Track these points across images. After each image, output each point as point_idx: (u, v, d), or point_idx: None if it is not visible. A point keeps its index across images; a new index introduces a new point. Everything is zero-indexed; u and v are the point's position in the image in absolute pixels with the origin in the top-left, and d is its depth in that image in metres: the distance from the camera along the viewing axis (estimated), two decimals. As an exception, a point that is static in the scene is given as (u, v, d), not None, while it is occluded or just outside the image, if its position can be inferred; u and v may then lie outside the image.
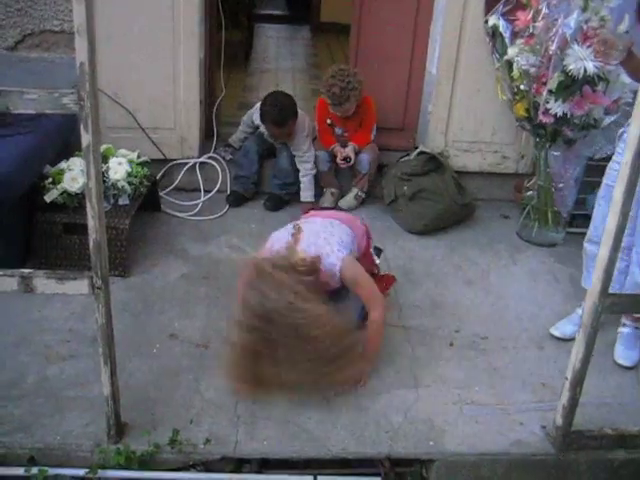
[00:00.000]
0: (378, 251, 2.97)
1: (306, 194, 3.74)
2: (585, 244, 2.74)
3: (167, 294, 2.85)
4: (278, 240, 2.41)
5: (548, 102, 3.11)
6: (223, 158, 3.83)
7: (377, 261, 2.73)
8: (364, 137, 3.78)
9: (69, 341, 2.51)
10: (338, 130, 3.81)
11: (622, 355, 2.64)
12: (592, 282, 1.93)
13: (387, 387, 2.41)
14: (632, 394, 2.49)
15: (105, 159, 2.99)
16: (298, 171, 3.72)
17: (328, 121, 3.79)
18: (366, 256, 2.65)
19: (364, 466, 2.20)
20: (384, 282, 2.87)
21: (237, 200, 3.70)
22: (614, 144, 2.64)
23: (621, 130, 2.57)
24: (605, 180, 2.61)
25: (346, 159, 3.69)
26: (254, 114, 3.77)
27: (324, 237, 2.39)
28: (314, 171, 3.73)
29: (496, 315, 2.89)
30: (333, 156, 3.76)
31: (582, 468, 2.23)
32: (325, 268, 2.29)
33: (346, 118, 3.74)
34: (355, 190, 3.78)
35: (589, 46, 2.92)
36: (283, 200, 3.74)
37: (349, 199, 3.77)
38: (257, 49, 6.81)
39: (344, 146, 3.74)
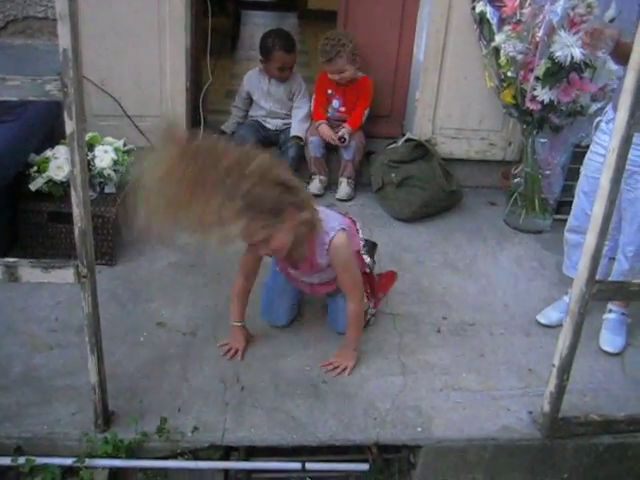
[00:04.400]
0: (372, 245, 2.95)
1: (295, 127, 3.79)
2: (566, 233, 2.76)
3: (154, 282, 2.84)
4: None
5: (535, 89, 3.11)
6: None
7: (367, 260, 2.63)
8: (356, 119, 3.76)
9: (55, 330, 2.50)
10: (336, 102, 3.80)
11: (608, 341, 2.65)
12: (579, 269, 1.93)
13: (374, 374, 2.42)
14: (617, 379, 2.51)
15: (91, 147, 2.96)
16: (304, 160, 3.77)
17: (329, 91, 3.79)
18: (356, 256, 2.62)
19: (352, 453, 2.21)
20: (384, 279, 2.87)
21: None
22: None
23: (597, 119, 2.58)
24: (584, 171, 2.61)
25: (341, 139, 3.69)
26: (245, 83, 3.90)
27: (328, 212, 2.38)
28: (307, 114, 3.85)
29: (483, 302, 2.90)
30: (325, 142, 3.75)
31: (568, 453, 2.25)
32: (319, 232, 2.25)
33: (345, 89, 3.74)
34: (345, 179, 3.76)
35: (576, 33, 2.93)
36: None
37: (344, 188, 3.74)
38: (244, 36, 6.76)
39: (333, 127, 3.76)
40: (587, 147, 2.67)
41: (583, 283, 1.92)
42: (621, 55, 2.39)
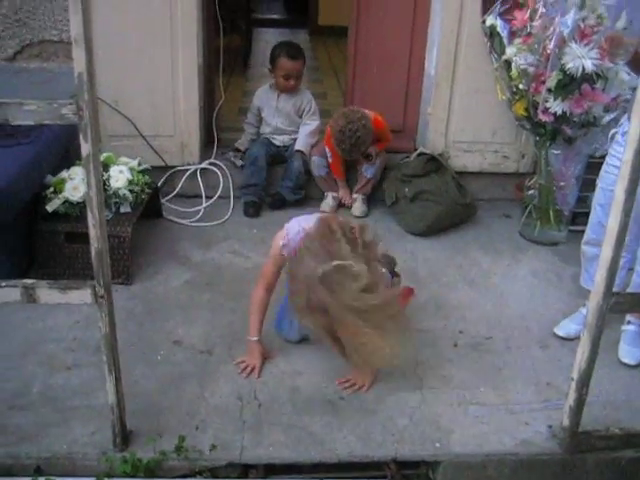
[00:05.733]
0: (390, 260, 2.93)
1: (300, 141, 3.81)
2: (583, 246, 2.74)
3: (170, 301, 2.86)
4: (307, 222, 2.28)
5: (547, 101, 3.11)
6: (234, 165, 3.82)
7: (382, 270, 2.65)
8: (381, 146, 3.78)
9: (73, 350, 2.51)
10: None
11: (627, 354, 2.63)
12: (596, 282, 1.92)
13: (392, 389, 2.41)
14: (638, 392, 2.48)
15: (106, 167, 2.99)
16: (310, 175, 3.77)
17: None
18: None
19: (371, 469, 2.20)
20: (401, 295, 2.84)
21: (257, 210, 3.67)
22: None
23: (613, 131, 2.57)
24: (600, 184, 2.60)
25: (368, 157, 3.69)
26: (255, 99, 3.92)
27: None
28: (315, 131, 3.85)
29: (500, 315, 2.88)
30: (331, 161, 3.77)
31: (589, 467, 2.23)
32: None
33: None
34: (360, 196, 3.76)
35: (587, 44, 2.93)
36: (287, 201, 3.74)
37: (359, 205, 3.74)
38: (256, 54, 6.80)
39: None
40: (601, 158, 2.67)
41: (600, 296, 1.91)
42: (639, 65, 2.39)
